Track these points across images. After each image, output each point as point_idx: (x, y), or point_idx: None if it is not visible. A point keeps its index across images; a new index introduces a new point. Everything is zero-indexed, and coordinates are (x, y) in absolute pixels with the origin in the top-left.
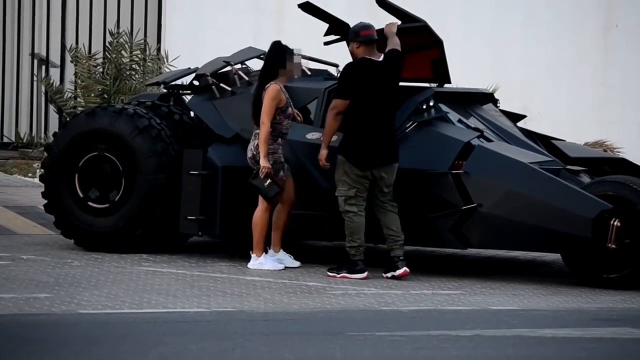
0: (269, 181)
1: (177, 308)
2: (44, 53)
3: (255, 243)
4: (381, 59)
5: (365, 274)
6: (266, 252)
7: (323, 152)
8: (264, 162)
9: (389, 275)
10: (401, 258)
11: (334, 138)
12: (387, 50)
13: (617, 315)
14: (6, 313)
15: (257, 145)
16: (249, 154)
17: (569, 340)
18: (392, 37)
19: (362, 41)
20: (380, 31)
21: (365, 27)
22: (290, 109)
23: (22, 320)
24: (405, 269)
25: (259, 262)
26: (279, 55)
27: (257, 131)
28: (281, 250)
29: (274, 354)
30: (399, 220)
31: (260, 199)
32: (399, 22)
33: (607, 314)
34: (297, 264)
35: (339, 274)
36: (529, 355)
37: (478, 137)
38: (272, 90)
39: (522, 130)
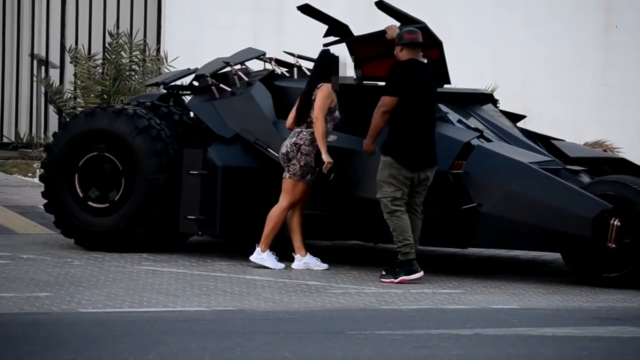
0: (333, 174)
1: (177, 307)
2: (43, 54)
3: (263, 237)
4: (425, 61)
5: (422, 273)
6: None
7: (371, 145)
8: (326, 157)
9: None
10: None
11: (334, 138)
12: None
13: (617, 314)
14: (6, 312)
15: (294, 142)
16: (283, 150)
17: (569, 339)
18: None
19: (406, 44)
20: (382, 33)
21: (410, 31)
22: (337, 112)
23: (23, 319)
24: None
25: (261, 257)
26: (332, 64)
27: (297, 129)
28: (308, 254)
29: (274, 353)
30: (420, 231)
31: (283, 196)
32: (398, 24)
33: (607, 313)
34: (324, 266)
35: (396, 278)
36: (529, 354)
37: (478, 137)
38: (326, 88)
39: (522, 130)
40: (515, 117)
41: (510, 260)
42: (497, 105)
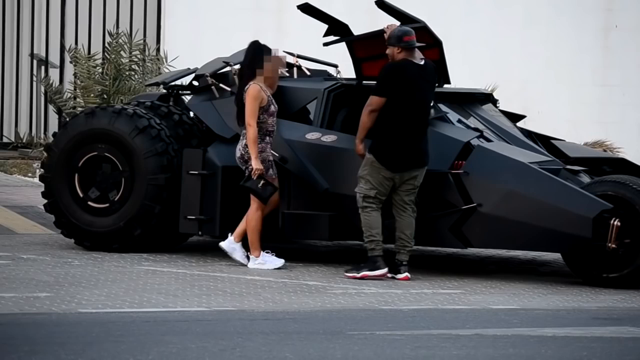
0: (262, 182)
1: (177, 307)
2: (43, 53)
3: (251, 244)
4: (422, 62)
5: (385, 270)
6: (248, 258)
7: (360, 147)
8: (256, 164)
9: (389, 275)
10: (404, 263)
11: (333, 138)
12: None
13: (617, 315)
14: (6, 312)
15: (245, 144)
16: (237, 154)
17: (569, 339)
18: None
19: (404, 47)
20: (381, 33)
21: (407, 32)
22: (272, 106)
23: (23, 319)
24: (407, 274)
25: (258, 262)
26: (255, 55)
27: (244, 131)
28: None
29: (274, 353)
30: (414, 227)
31: (253, 199)
32: (399, 24)
33: (607, 313)
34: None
35: (359, 273)
36: (529, 355)
37: (478, 137)
38: (253, 90)
39: (522, 130)
40: (515, 117)
41: (510, 260)
42: (497, 105)
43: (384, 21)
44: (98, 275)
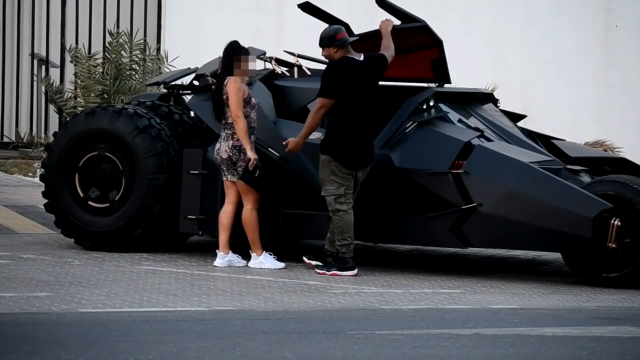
0: (258, 172)
1: (177, 307)
2: (43, 53)
3: (251, 242)
4: (361, 58)
5: (355, 271)
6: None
7: (300, 142)
8: (251, 154)
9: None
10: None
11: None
12: (378, 53)
13: (617, 314)
14: (6, 312)
15: (232, 145)
16: (224, 155)
17: (569, 339)
18: (386, 37)
19: (340, 45)
20: (378, 30)
21: (337, 30)
22: (253, 99)
23: (23, 319)
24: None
25: (259, 260)
26: (230, 55)
27: (228, 132)
28: (230, 252)
29: (274, 352)
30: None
31: (246, 199)
32: (398, 22)
33: (607, 313)
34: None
35: (329, 271)
36: (529, 354)
37: (478, 136)
38: (234, 82)
39: (522, 130)
40: (515, 117)
41: (510, 260)
42: (498, 104)
43: None
44: (98, 275)
